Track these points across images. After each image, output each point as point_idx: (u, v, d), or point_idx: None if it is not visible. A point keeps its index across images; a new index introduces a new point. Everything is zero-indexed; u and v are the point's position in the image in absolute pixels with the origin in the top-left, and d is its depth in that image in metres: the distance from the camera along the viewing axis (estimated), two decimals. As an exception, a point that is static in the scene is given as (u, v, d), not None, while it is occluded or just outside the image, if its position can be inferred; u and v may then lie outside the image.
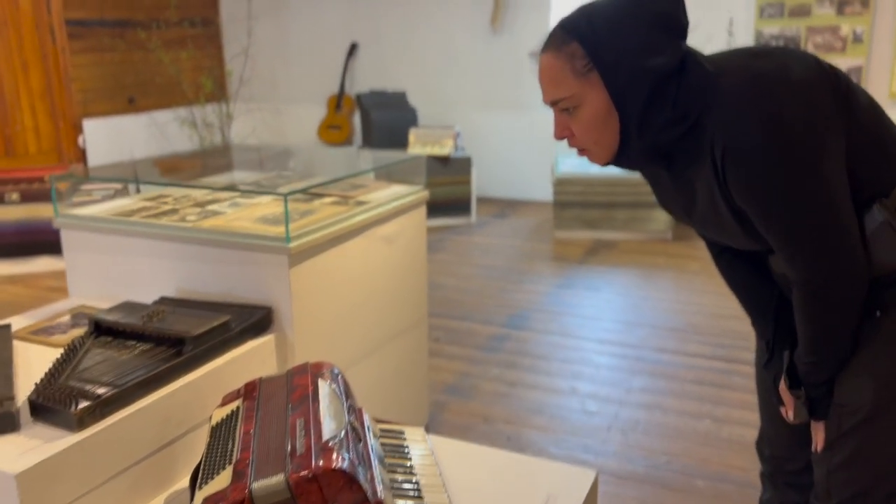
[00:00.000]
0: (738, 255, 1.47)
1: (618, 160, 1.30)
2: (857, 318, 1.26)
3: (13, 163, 5.88)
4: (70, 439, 1.42)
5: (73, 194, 4.59)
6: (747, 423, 2.74)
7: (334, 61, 7.09)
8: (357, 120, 6.97)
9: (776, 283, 1.43)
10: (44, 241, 4.66)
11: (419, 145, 5.58)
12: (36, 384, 1.54)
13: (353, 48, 6.97)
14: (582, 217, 5.27)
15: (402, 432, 1.75)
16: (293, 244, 1.89)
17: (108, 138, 6.50)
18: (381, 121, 6.00)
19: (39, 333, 1.97)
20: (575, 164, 5.51)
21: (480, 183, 6.53)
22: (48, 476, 1.37)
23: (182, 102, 6.98)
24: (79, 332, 1.95)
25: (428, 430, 2.72)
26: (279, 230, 1.94)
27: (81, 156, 6.34)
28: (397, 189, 2.45)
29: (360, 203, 2.26)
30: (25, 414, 1.50)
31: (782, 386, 1.38)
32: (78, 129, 6.33)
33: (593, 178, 5.21)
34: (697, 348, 3.41)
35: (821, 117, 1.18)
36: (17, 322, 2.02)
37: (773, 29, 5.57)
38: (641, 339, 3.53)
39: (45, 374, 1.59)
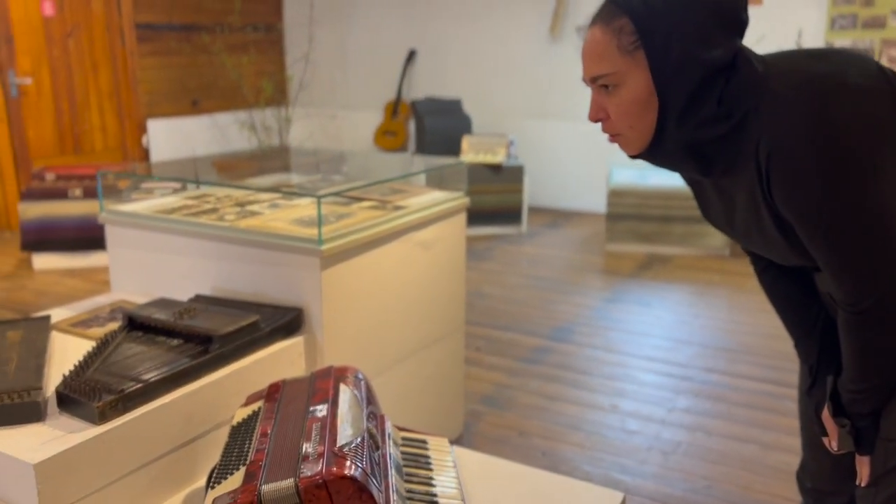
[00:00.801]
0: (784, 272, 1.39)
1: (650, 152, 1.21)
2: None
3: (80, 159, 6.09)
4: (91, 432, 1.43)
5: (132, 191, 4.71)
6: (796, 450, 2.60)
7: (392, 68, 7.13)
8: (412, 126, 6.99)
9: (822, 304, 1.35)
10: (103, 237, 4.79)
11: (471, 153, 5.55)
12: (65, 375, 1.56)
13: (411, 55, 7.00)
14: (636, 230, 5.15)
15: (424, 442, 1.71)
16: (325, 246, 1.88)
17: (171, 138, 6.68)
18: (435, 128, 5.99)
19: (78, 326, 2.01)
20: (630, 175, 5.40)
21: (533, 192, 6.46)
22: (67, 467, 1.38)
23: (243, 106, 7.13)
24: (115, 325, 1.98)
25: (461, 441, 2.68)
26: (312, 232, 1.94)
27: (145, 155, 6.53)
28: (437, 195, 2.42)
29: (398, 208, 2.24)
30: (53, 404, 1.53)
31: (825, 414, 1.29)
32: (142, 129, 6.52)
33: (649, 190, 5.09)
34: (748, 370, 3.28)
35: (877, 127, 1.10)
36: (59, 314, 2.07)
37: (846, 41, 5.36)
38: (689, 358, 3.41)
39: (75, 365, 1.62)
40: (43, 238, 4.74)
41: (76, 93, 6.05)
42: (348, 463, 1.29)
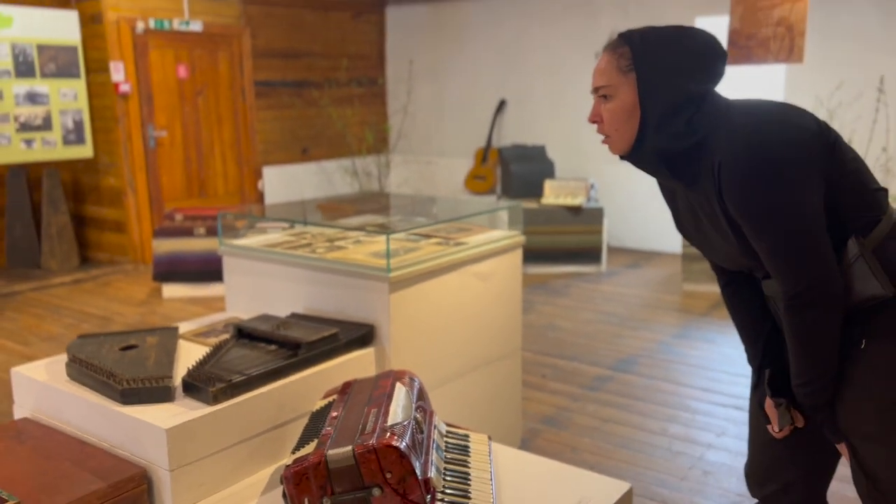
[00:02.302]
0: (743, 286, 1.67)
1: (632, 155, 1.55)
2: (837, 335, 1.43)
3: (204, 202, 6.87)
4: (207, 410, 1.88)
5: (248, 230, 5.39)
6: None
7: (483, 116, 7.62)
8: (500, 171, 7.42)
9: (770, 316, 1.63)
10: (221, 270, 5.45)
11: (552, 196, 5.91)
12: (189, 369, 2.03)
13: (501, 104, 7.46)
14: (710, 270, 5.31)
15: (467, 436, 2.07)
16: (393, 274, 2.30)
17: (283, 183, 7.39)
18: (520, 173, 6.39)
19: (199, 336, 2.51)
20: (706, 218, 5.59)
21: (615, 233, 6.71)
22: (188, 434, 1.83)
23: (346, 153, 7.79)
24: (227, 335, 2.46)
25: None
26: (383, 262, 2.36)
27: (260, 198, 7.26)
28: (495, 234, 2.81)
29: (459, 244, 2.64)
30: (179, 390, 1.99)
31: (767, 402, 1.57)
32: (258, 175, 7.26)
33: (723, 232, 5.27)
34: (800, 403, 3.44)
35: (806, 155, 1.41)
36: (185, 326, 2.58)
37: (927, 86, 5.40)
38: (744, 390, 3.60)
39: (196, 362, 2.09)
40: (172, 270, 5.43)
41: (202, 143, 6.85)
42: (394, 437, 1.67)
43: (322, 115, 7.67)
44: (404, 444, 1.68)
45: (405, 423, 1.77)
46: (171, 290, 5.48)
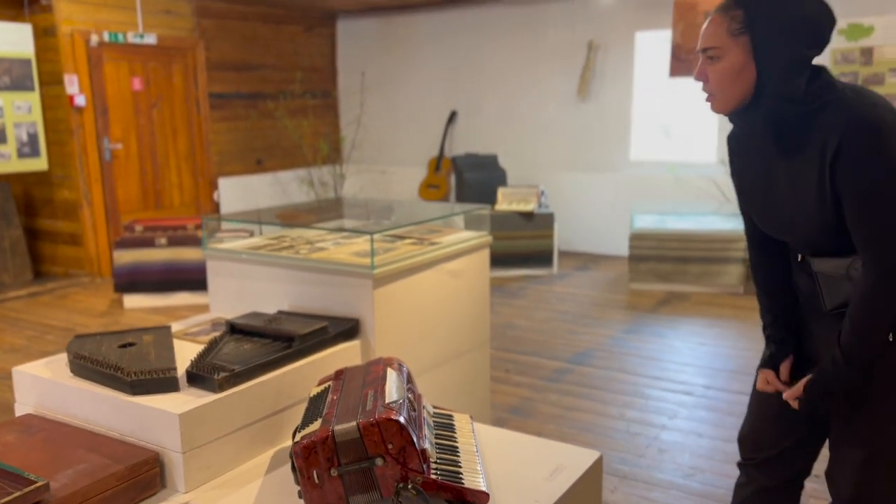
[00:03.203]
0: (776, 263, 1.79)
1: (738, 114, 1.60)
2: None
3: (160, 213, 6.90)
4: (213, 397, 2.03)
5: (210, 238, 5.49)
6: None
7: (435, 127, 7.85)
8: (453, 180, 7.66)
9: (790, 286, 1.78)
10: (184, 279, 5.51)
11: (505, 202, 6.16)
12: (191, 361, 2.17)
13: (452, 115, 7.70)
14: (656, 270, 5.65)
15: (451, 416, 2.27)
16: (376, 271, 2.48)
17: (238, 194, 7.46)
18: (474, 181, 6.64)
19: (189, 335, 2.64)
20: (650, 220, 5.92)
21: (565, 237, 7.01)
22: (198, 419, 1.98)
23: (302, 164, 7.91)
24: (217, 333, 2.60)
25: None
26: (367, 261, 2.54)
27: (216, 208, 7.31)
28: (465, 234, 3.02)
29: (433, 244, 2.84)
30: (182, 381, 2.13)
31: (770, 375, 1.75)
32: (214, 186, 7.32)
33: (667, 233, 5.60)
34: (742, 387, 3.74)
35: None
36: (174, 327, 2.70)
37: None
38: (692, 378, 3.89)
39: (197, 355, 2.23)
40: (133, 281, 5.48)
41: (158, 155, 6.89)
42: (394, 412, 1.86)
43: (276, 126, 7.78)
44: (403, 417, 1.86)
45: (401, 401, 1.95)
46: (133, 301, 5.51)
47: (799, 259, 1.73)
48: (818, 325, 1.73)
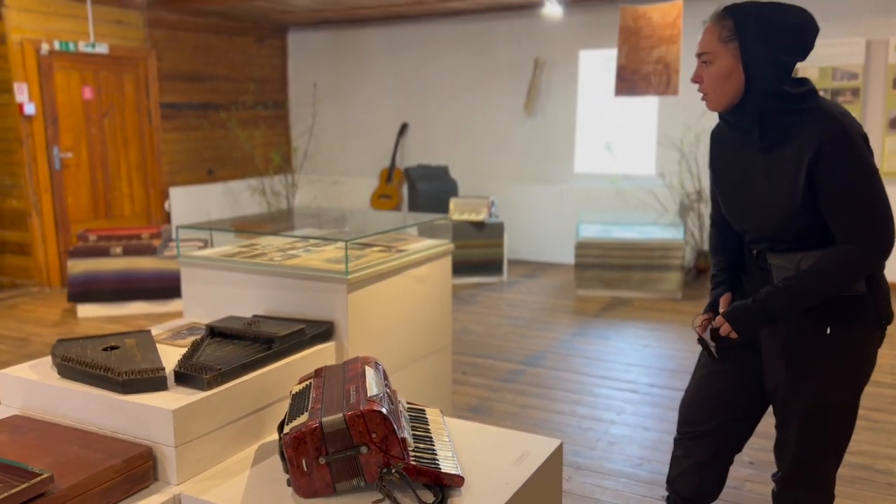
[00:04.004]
0: (732, 233, 2.06)
1: (730, 112, 1.83)
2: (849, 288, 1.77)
3: (111, 223, 6.87)
4: (202, 394, 2.16)
5: (164, 248, 5.55)
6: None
7: (387, 138, 8.02)
8: (405, 190, 7.84)
9: (740, 257, 2.04)
10: (139, 289, 5.54)
11: (458, 212, 6.37)
12: (178, 361, 2.29)
13: (403, 128, 7.89)
14: (600, 277, 5.94)
15: (423, 410, 2.44)
16: (351, 276, 2.64)
17: (190, 203, 7.48)
18: (426, 191, 6.83)
19: (166, 339, 2.75)
20: (595, 230, 6.22)
21: (513, 246, 7.27)
22: (189, 415, 2.10)
23: (254, 174, 7.97)
24: (195, 337, 2.72)
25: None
26: (341, 266, 2.70)
27: (167, 218, 7.32)
28: (429, 242, 3.21)
29: (400, 251, 3.02)
30: (170, 381, 2.25)
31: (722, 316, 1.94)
32: (165, 196, 7.32)
33: (611, 242, 5.90)
34: (683, 384, 4.02)
35: (868, 147, 1.78)
36: (153, 331, 2.80)
37: (775, 114, 6.27)
38: (637, 377, 4.15)
39: (182, 357, 2.35)
40: (87, 290, 5.47)
41: (109, 165, 6.87)
42: (376, 404, 2.03)
43: (228, 136, 7.83)
44: (385, 409, 2.03)
45: (381, 395, 2.12)
46: (87, 311, 5.51)
47: (754, 254, 1.96)
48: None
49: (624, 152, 7.12)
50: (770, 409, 2.17)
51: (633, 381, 4.09)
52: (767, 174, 1.82)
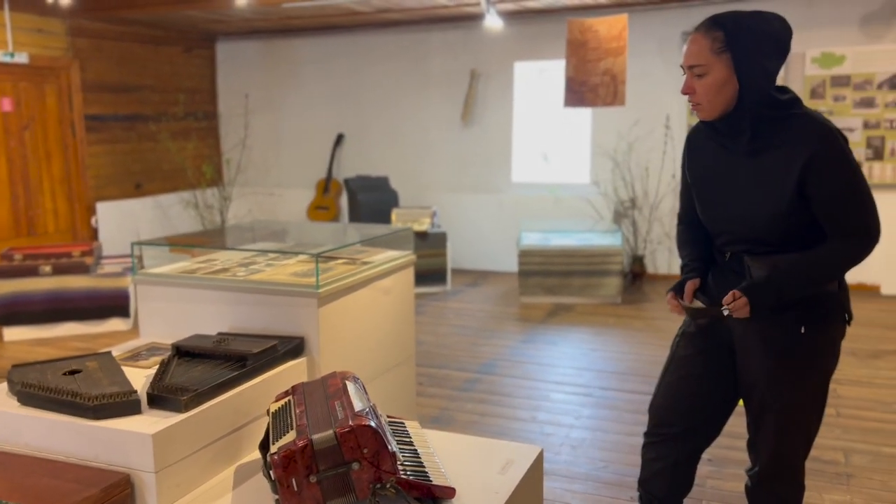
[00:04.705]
0: (700, 230, 2.14)
1: (723, 119, 1.88)
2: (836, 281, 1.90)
3: (34, 241, 6.54)
4: (180, 417, 2.08)
5: (97, 266, 5.32)
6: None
7: (322, 149, 7.94)
8: (343, 201, 7.77)
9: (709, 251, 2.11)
10: (71, 309, 5.29)
11: (400, 223, 6.37)
12: (150, 382, 2.21)
13: (339, 138, 7.83)
14: (543, 284, 6.04)
15: (402, 423, 2.43)
16: (321, 290, 2.61)
17: (118, 219, 7.20)
18: (367, 202, 6.80)
19: (128, 360, 2.64)
20: (536, 238, 6.32)
21: (456, 256, 7.31)
22: (168, 439, 2.03)
23: (185, 187, 7.74)
24: (157, 359, 2.62)
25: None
26: (310, 280, 2.66)
27: (94, 235, 7.02)
28: (392, 254, 3.20)
29: (366, 263, 3.00)
30: (142, 403, 2.16)
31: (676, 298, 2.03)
32: (91, 211, 7.03)
33: (552, 250, 6.02)
34: (634, 386, 4.13)
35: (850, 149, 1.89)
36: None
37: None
38: (589, 381, 4.24)
39: (152, 379, 2.26)
40: (14, 312, 5.19)
41: (30, 179, 6.54)
42: (366, 418, 2.00)
43: (157, 149, 7.59)
44: (374, 423, 2.01)
45: (367, 409, 2.10)
46: (15, 333, 5.22)
47: (727, 257, 2.02)
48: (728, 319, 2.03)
49: (560, 161, 7.27)
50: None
51: (587, 385, 4.17)
52: (754, 178, 1.89)
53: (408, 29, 7.47)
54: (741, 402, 2.16)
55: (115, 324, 5.43)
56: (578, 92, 3.88)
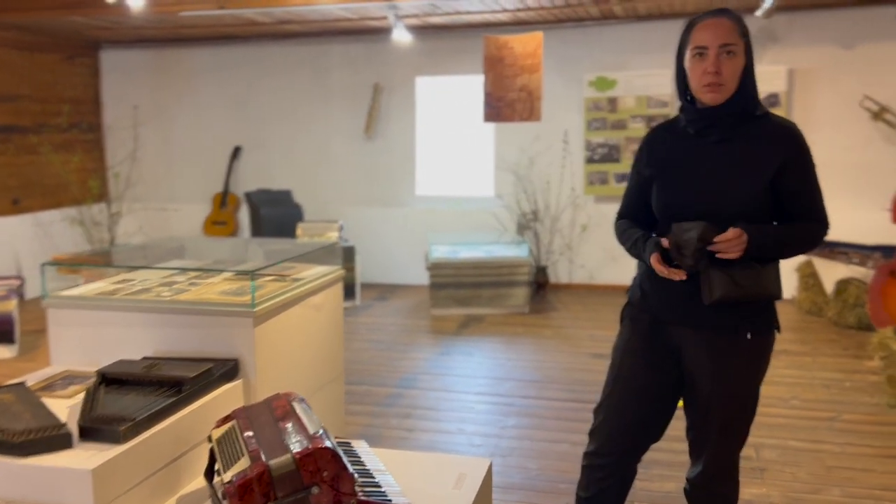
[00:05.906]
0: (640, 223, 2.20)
1: (730, 103, 1.97)
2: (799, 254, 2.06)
3: None
4: (118, 449, 1.95)
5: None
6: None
7: (218, 162, 7.67)
8: (242, 215, 7.53)
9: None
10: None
11: (306, 237, 6.24)
12: (81, 414, 2.05)
13: (236, 151, 7.59)
14: (454, 296, 6.08)
15: (349, 442, 2.37)
16: (257, 309, 2.51)
17: (-7, 238, 6.66)
18: (270, 216, 6.62)
19: (44, 390, 2.43)
20: (446, 251, 6.36)
21: (363, 270, 7.23)
22: (108, 473, 1.89)
23: (69, 203, 7.26)
24: (76, 388, 2.43)
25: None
26: (242, 299, 2.56)
27: (-34, 255, 6.45)
28: (321, 269, 3.13)
29: (297, 279, 2.91)
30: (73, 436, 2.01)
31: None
32: (-37, 230, 6.46)
33: (461, 262, 6.07)
34: (553, 394, 4.23)
35: None
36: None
37: (599, 139, 6.81)
38: (509, 390, 4.30)
39: (81, 410, 2.10)
40: None
41: None
42: (323, 440, 1.94)
43: (37, 162, 7.08)
44: (331, 444, 1.95)
45: (321, 431, 2.04)
46: None
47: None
48: (687, 323, 2.08)
49: (463, 175, 7.36)
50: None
51: (508, 395, 4.23)
52: (727, 161, 1.99)
53: (308, 41, 7.36)
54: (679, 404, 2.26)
55: (2, 350, 5.01)
56: (496, 107, 3.94)
